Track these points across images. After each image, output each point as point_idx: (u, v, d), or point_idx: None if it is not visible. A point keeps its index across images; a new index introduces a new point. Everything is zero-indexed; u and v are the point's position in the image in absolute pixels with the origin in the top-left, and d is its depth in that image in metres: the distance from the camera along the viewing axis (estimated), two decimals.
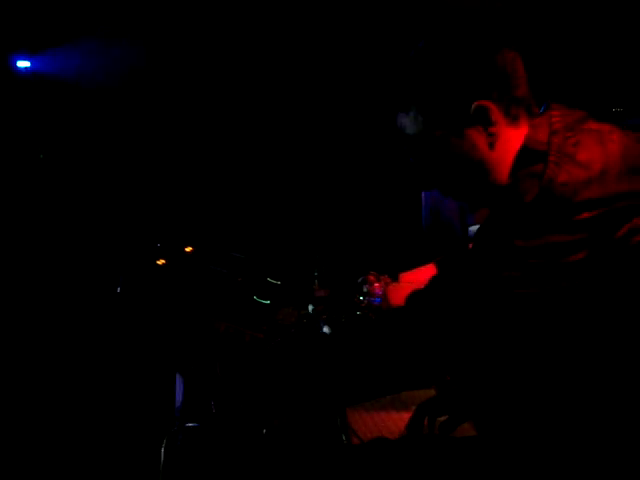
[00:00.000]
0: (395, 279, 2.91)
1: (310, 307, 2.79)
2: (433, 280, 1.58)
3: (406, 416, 1.85)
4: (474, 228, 2.68)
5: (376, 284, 2.92)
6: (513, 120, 1.43)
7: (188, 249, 2.46)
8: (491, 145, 1.42)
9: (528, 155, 1.41)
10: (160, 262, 2.26)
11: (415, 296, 1.65)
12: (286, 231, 4.23)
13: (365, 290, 2.95)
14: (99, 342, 3.85)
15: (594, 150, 1.37)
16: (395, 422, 1.90)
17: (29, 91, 4.70)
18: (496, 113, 1.40)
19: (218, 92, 4.65)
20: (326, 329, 2.57)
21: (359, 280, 2.94)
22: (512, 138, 1.43)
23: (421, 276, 2.47)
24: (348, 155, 4.70)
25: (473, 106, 1.39)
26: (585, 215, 1.31)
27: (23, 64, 4.72)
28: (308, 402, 1.89)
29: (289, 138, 4.70)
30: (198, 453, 1.93)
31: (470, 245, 1.75)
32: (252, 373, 2.01)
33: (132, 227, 4.13)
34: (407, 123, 1.46)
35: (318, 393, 1.84)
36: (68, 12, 4.50)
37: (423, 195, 4.14)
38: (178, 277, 2.24)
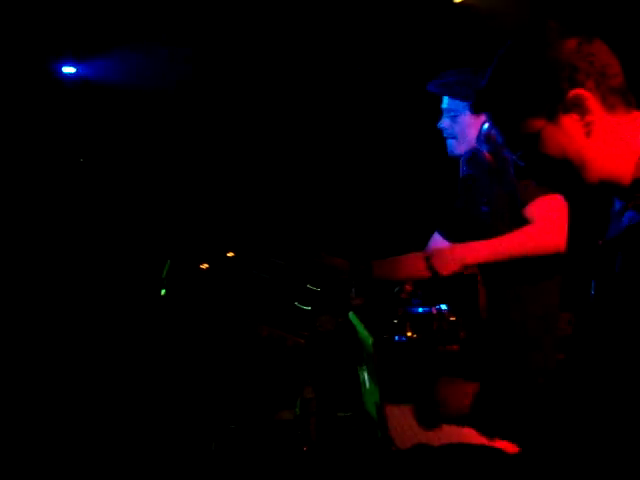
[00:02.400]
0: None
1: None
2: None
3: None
4: None
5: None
6: (610, 109, 1.44)
7: (230, 254, 2.50)
8: (588, 133, 1.43)
9: None
10: (203, 266, 2.30)
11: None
12: (324, 239, 4.26)
13: (402, 299, 2.97)
14: (142, 344, 3.90)
15: None
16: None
17: (74, 97, 4.78)
18: (592, 102, 1.42)
19: (258, 96, 4.69)
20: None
21: (396, 290, 2.95)
22: (611, 127, 1.44)
23: None
24: (384, 164, 4.73)
25: (569, 95, 1.41)
26: None
27: (68, 70, 4.81)
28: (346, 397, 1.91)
29: (328, 147, 4.73)
30: (236, 455, 1.96)
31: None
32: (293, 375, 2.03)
33: (175, 231, 4.19)
34: (501, 113, 1.48)
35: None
36: (113, 19, 4.58)
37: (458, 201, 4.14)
38: (221, 281, 2.27)
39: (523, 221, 2.39)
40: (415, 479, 1.61)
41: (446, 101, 2.73)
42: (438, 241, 2.97)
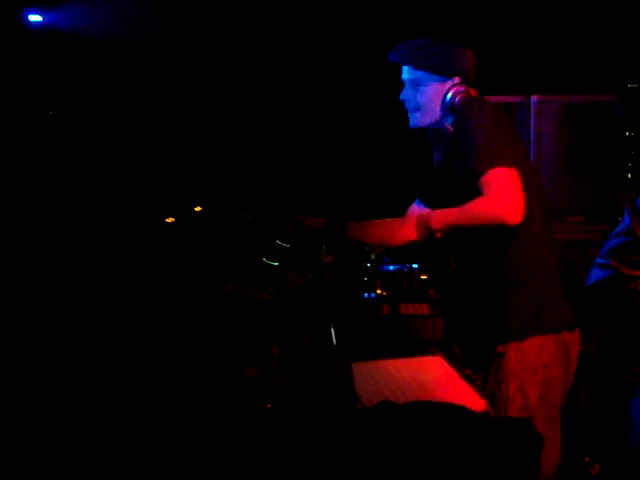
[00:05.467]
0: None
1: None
2: None
3: (410, 380, 1.88)
4: None
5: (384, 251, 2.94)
6: None
7: (197, 208, 2.46)
8: None
9: None
10: (169, 220, 2.25)
11: None
12: (297, 195, 4.23)
13: (373, 257, 2.96)
14: (109, 301, 3.85)
15: None
16: (398, 385, 1.93)
17: (40, 46, 4.66)
18: None
19: (233, 49, 4.60)
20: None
21: (367, 247, 2.94)
22: None
23: None
24: (362, 125, 4.69)
25: None
26: None
27: (35, 18, 4.68)
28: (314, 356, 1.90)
29: (304, 104, 4.67)
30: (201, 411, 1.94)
31: None
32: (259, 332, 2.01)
33: (143, 185, 4.12)
34: None
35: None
36: None
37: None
38: (187, 235, 2.23)
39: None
40: (379, 436, 1.60)
41: (407, 71, 2.60)
42: (416, 209, 2.98)
